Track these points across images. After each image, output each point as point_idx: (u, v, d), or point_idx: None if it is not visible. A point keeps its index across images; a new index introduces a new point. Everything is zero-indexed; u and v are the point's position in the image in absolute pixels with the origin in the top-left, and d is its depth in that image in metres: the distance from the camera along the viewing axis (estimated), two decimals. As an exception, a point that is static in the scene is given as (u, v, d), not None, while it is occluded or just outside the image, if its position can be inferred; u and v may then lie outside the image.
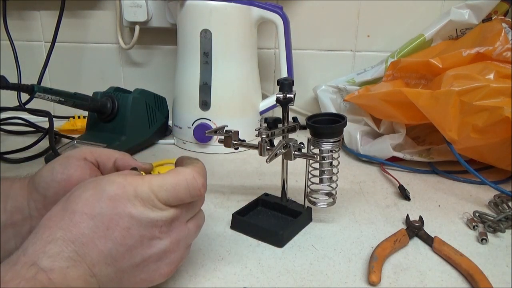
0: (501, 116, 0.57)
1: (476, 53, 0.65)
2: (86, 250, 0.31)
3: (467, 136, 0.61)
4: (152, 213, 0.34)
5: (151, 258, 0.35)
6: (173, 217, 0.35)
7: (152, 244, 0.34)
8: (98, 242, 0.32)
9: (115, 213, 0.33)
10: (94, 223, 0.32)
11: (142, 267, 0.34)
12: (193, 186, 0.36)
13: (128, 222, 0.33)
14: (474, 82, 0.60)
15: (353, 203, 0.58)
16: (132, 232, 0.33)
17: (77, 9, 0.92)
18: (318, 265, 0.44)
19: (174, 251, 0.36)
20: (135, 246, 0.33)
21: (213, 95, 0.75)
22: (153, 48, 0.94)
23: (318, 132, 0.48)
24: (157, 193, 0.34)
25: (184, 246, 0.38)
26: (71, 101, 0.68)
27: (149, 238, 0.34)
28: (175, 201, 0.35)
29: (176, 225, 0.36)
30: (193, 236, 0.39)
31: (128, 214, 0.33)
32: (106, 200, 0.33)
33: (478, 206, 0.58)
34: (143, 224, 0.33)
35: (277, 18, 0.75)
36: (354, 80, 0.85)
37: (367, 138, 0.76)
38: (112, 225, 0.32)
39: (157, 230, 0.34)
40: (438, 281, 0.42)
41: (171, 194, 0.35)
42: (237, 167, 0.71)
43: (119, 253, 0.33)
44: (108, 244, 0.32)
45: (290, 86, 0.49)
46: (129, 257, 0.33)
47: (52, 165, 0.41)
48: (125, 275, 0.33)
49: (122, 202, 0.33)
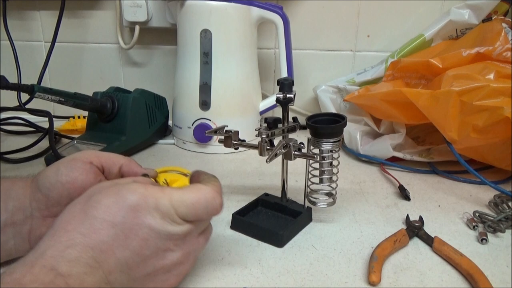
0: (501, 116, 0.57)
1: (476, 53, 0.65)
2: (104, 257, 0.32)
3: (467, 136, 0.61)
4: (170, 227, 0.35)
5: (162, 269, 0.35)
6: (188, 231, 0.36)
7: (166, 256, 0.35)
8: (117, 250, 0.32)
9: (135, 223, 0.33)
10: (114, 231, 0.32)
11: (152, 276, 0.35)
12: (212, 206, 0.37)
13: (147, 233, 0.33)
14: (474, 82, 0.60)
15: (353, 203, 0.58)
16: (149, 243, 0.34)
17: (77, 9, 0.92)
18: (318, 265, 0.44)
19: (184, 263, 0.37)
20: (150, 257, 0.34)
21: (213, 95, 0.75)
22: (153, 48, 0.94)
23: (318, 132, 0.48)
24: (177, 208, 0.35)
25: (193, 258, 0.38)
26: (71, 101, 0.68)
27: (164, 250, 0.35)
28: (192, 218, 0.36)
29: (189, 239, 0.37)
30: (202, 249, 0.39)
31: (148, 225, 0.33)
32: (127, 209, 0.33)
33: (478, 206, 0.58)
34: (161, 236, 0.34)
35: (277, 18, 0.75)
36: (354, 80, 0.85)
37: (367, 138, 0.76)
38: (131, 234, 0.33)
39: (172, 243, 0.35)
40: (438, 281, 0.42)
41: (190, 211, 0.35)
42: (237, 167, 0.71)
43: (135, 262, 0.33)
44: (126, 253, 0.33)
45: (290, 86, 0.49)
46: (143, 267, 0.34)
47: (57, 166, 0.41)
48: (136, 283, 0.34)
49: (142, 213, 0.34)
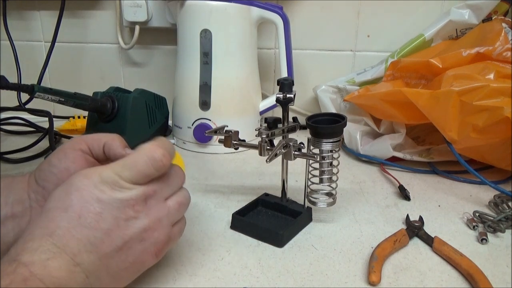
0: (501, 116, 0.57)
1: (476, 53, 0.65)
2: (64, 241, 0.32)
3: (467, 136, 0.61)
4: (120, 194, 0.35)
5: (133, 240, 0.35)
6: (145, 194, 0.36)
7: (130, 225, 0.35)
8: (74, 231, 0.32)
9: (84, 201, 0.34)
10: (67, 215, 0.33)
11: (126, 250, 0.35)
12: (154, 158, 0.36)
13: (98, 207, 0.34)
14: (474, 82, 0.60)
15: (353, 203, 0.58)
16: (104, 216, 0.34)
17: (77, 9, 0.92)
18: (318, 265, 0.44)
19: (156, 229, 0.36)
20: (111, 229, 0.34)
21: (213, 95, 0.75)
22: (153, 48, 0.94)
23: (318, 132, 0.48)
24: (121, 173, 0.35)
25: (167, 224, 0.38)
26: (71, 101, 0.68)
27: (125, 219, 0.35)
28: (140, 177, 0.36)
29: (153, 203, 0.36)
30: (175, 214, 0.39)
31: (96, 199, 0.34)
32: (74, 192, 0.34)
33: (478, 206, 0.58)
34: (114, 206, 0.34)
35: (277, 18, 0.75)
36: (354, 80, 0.85)
37: (367, 138, 0.76)
38: (84, 212, 0.33)
39: (131, 210, 0.35)
40: (438, 281, 0.42)
41: (133, 171, 0.35)
42: (237, 167, 0.71)
43: (97, 238, 0.33)
44: (84, 232, 0.33)
45: (290, 86, 0.49)
46: (109, 241, 0.34)
47: (49, 158, 0.42)
48: (111, 260, 0.34)
49: (88, 189, 0.34)
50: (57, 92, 0.66)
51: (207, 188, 0.62)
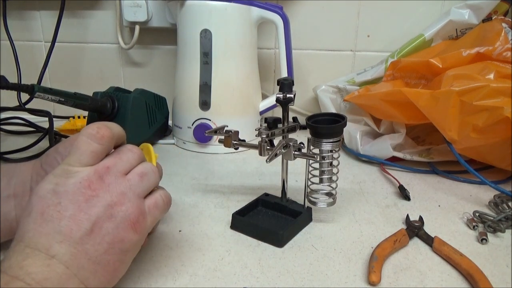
0: (501, 116, 0.57)
1: (476, 53, 0.65)
2: (34, 239, 0.33)
3: (467, 136, 0.61)
4: (72, 178, 0.35)
5: (101, 218, 0.34)
6: (98, 172, 0.36)
7: (92, 204, 0.34)
8: (41, 228, 0.33)
9: (42, 199, 0.34)
10: (31, 217, 0.34)
11: (98, 230, 0.34)
12: (90, 133, 0.37)
13: (56, 198, 0.34)
14: (474, 82, 0.60)
15: (353, 203, 0.58)
16: (64, 203, 0.34)
17: (77, 9, 0.92)
18: (318, 265, 0.44)
19: (122, 203, 0.36)
20: (74, 214, 0.34)
21: (213, 95, 0.75)
22: (153, 48, 0.94)
23: (318, 132, 0.48)
24: (69, 161, 0.36)
25: (133, 197, 0.36)
26: (71, 101, 0.68)
27: (84, 200, 0.34)
28: (87, 157, 0.36)
29: (110, 179, 0.36)
30: (139, 185, 0.37)
31: (53, 192, 0.34)
32: (33, 196, 0.35)
33: (478, 206, 0.58)
34: (70, 191, 0.34)
35: (277, 18, 0.75)
36: (354, 80, 0.85)
37: (367, 138, 0.76)
38: (44, 208, 0.34)
39: (88, 190, 0.35)
40: (438, 281, 0.42)
41: (78, 153, 0.36)
42: (237, 167, 0.71)
43: (63, 226, 0.33)
44: (50, 225, 0.33)
45: (290, 86, 0.49)
46: (76, 226, 0.33)
47: (57, 146, 0.44)
48: (87, 245, 0.34)
49: (44, 188, 0.35)
50: (57, 92, 0.66)
51: (207, 188, 0.62)
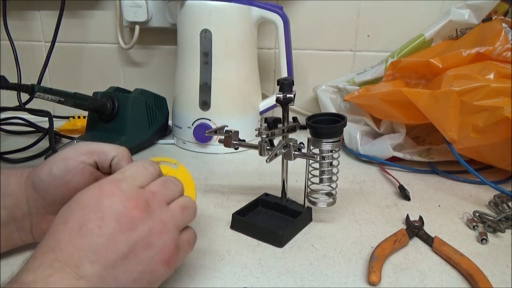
0: (501, 116, 0.57)
1: (476, 53, 0.65)
2: (66, 253, 0.30)
3: (467, 136, 0.61)
4: (120, 194, 0.34)
5: (139, 245, 0.32)
6: (145, 194, 0.35)
7: (134, 227, 0.33)
8: (75, 242, 0.31)
9: (84, 208, 0.33)
10: (67, 226, 0.32)
11: (133, 257, 0.32)
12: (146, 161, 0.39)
13: (99, 211, 0.32)
14: (474, 82, 0.60)
15: (353, 203, 0.58)
16: (107, 219, 0.32)
17: (77, 9, 0.92)
18: (318, 265, 0.44)
19: (162, 233, 0.34)
20: (114, 234, 0.32)
21: (213, 95, 0.75)
22: (153, 48, 0.94)
23: (318, 132, 0.48)
24: (120, 177, 0.36)
25: (173, 228, 0.35)
26: (71, 101, 0.68)
27: (128, 220, 0.33)
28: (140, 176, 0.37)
29: (155, 205, 0.35)
30: (180, 218, 0.37)
31: (95, 203, 0.33)
32: (77, 202, 0.33)
33: (478, 206, 0.58)
34: (114, 208, 0.33)
35: (277, 18, 0.75)
36: (354, 80, 0.85)
37: (367, 138, 0.76)
38: (85, 220, 0.32)
39: (134, 211, 0.33)
40: (438, 281, 0.42)
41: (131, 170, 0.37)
42: (237, 167, 0.71)
43: (100, 245, 0.31)
44: (86, 240, 0.31)
45: (290, 86, 0.49)
46: (113, 246, 0.31)
47: (49, 166, 0.40)
48: (118, 270, 0.31)
49: (88, 198, 0.34)
50: (57, 92, 0.66)
51: (207, 188, 0.62)
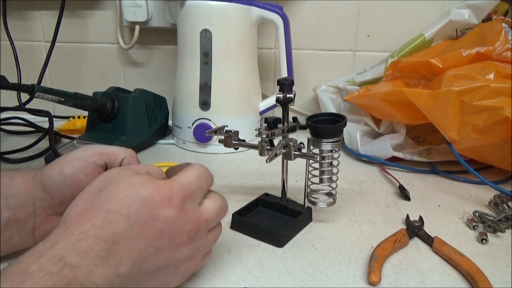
0: (501, 116, 0.57)
1: (476, 53, 0.65)
2: (117, 248, 0.32)
3: (467, 136, 0.61)
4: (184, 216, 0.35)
5: (173, 263, 0.35)
6: (201, 222, 0.37)
7: (178, 249, 0.35)
8: (130, 242, 0.32)
9: (150, 215, 0.33)
10: (128, 223, 0.32)
11: (163, 271, 0.35)
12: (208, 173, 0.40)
13: (162, 224, 0.34)
14: (474, 82, 0.60)
15: (353, 203, 0.58)
16: (164, 234, 0.34)
17: (77, 9, 0.92)
18: (318, 265, 0.44)
19: (193, 259, 0.37)
20: (162, 249, 0.34)
21: (213, 95, 0.75)
22: (153, 48, 0.94)
23: (318, 132, 0.48)
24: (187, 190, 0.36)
25: (201, 255, 0.38)
26: (71, 101, 0.68)
27: (177, 243, 0.35)
28: (198, 195, 0.38)
29: (201, 233, 0.37)
30: (209, 246, 0.40)
31: (163, 216, 0.34)
32: (142, 202, 0.33)
33: (478, 206, 0.58)
34: (175, 227, 0.34)
35: (277, 18, 0.75)
36: (354, 80, 0.85)
37: (367, 138, 0.76)
38: (146, 226, 0.33)
39: (186, 236, 0.35)
40: (438, 281, 0.42)
41: (197, 186, 0.37)
42: (237, 167, 0.71)
43: (147, 254, 0.33)
44: (139, 245, 0.33)
45: (290, 86, 0.49)
46: (156, 259, 0.34)
47: (60, 166, 0.40)
48: (146, 277, 0.34)
49: (158, 204, 0.34)
50: (57, 92, 0.66)
51: (207, 188, 0.62)
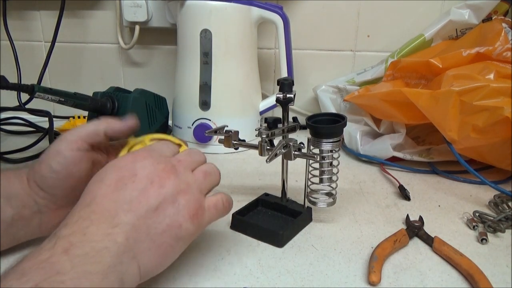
0: (501, 116, 0.57)
1: (476, 53, 0.65)
2: (102, 206, 0.33)
3: (467, 136, 0.61)
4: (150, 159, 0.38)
5: (166, 200, 0.36)
6: (172, 161, 0.39)
7: (163, 184, 0.36)
8: (111, 195, 0.34)
9: (119, 168, 0.36)
10: (103, 183, 0.35)
11: (161, 210, 0.35)
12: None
13: (133, 170, 0.36)
14: (474, 82, 0.60)
15: (353, 203, 0.58)
16: (139, 177, 0.36)
17: (77, 9, 0.92)
18: (318, 265, 0.44)
19: (186, 193, 0.37)
20: (146, 189, 0.35)
21: (213, 95, 0.75)
22: (153, 48, 0.94)
23: (318, 132, 0.48)
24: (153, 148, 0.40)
25: (196, 190, 0.39)
26: (71, 101, 0.68)
27: (158, 179, 0.36)
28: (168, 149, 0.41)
29: (180, 169, 0.39)
30: (202, 182, 0.40)
31: (129, 163, 0.37)
32: (112, 166, 0.37)
33: (478, 206, 0.58)
34: (146, 168, 0.37)
35: (277, 18, 0.75)
36: (354, 80, 0.85)
37: (367, 138, 0.76)
38: (120, 178, 0.35)
39: (162, 172, 0.37)
40: (438, 281, 0.42)
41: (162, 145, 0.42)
42: (237, 167, 0.71)
43: (133, 197, 0.35)
44: (121, 193, 0.34)
45: (290, 86, 0.49)
46: (145, 200, 0.35)
47: (48, 163, 0.41)
48: (149, 221, 0.34)
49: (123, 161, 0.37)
50: (57, 92, 0.65)
51: (207, 188, 0.62)
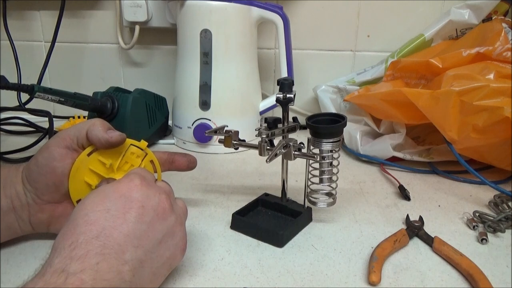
0: (501, 116, 0.57)
1: (476, 53, 0.65)
2: (112, 239, 0.32)
3: (467, 136, 0.61)
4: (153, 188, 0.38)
5: (168, 233, 0.37)
6: (167, 192, 0.39)
7: (165, 217, 0.37)
8: (120, 228, 0.33)
9: (124, 199, 0.35)
10: (110, 214, 0.34)
11: (164, 243, 0.36)
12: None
13: (139, 201, 0.35)
14: (474, 82, 0.60)
15: (353, 203, 0.58)
16: (146, 209, 0.35)
17: (77, 9, 0.92)
18: (318, 265, 0.44)
19: (180, 225, 0.39)
20: (152, 222, 0.35)
21: (213, 95, 0.75)
22: (153, 48, 0.94)
23: (318, 132, 0.48)
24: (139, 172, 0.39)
25: (184, 222, 0.40)
26: (71, 101, 0.68)
27: (162, 211, 0.37)
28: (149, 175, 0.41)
29: (173, 200, 0.39)
30: (185, 214, 0.41)
31: (136, 195, 0.36)
32: (112, 192, 0.35)
33: (478, 206, 0.58)
34: (152, 199, 0.36)
35: (277, 18, 0.75)
36: (354, 80, 0.85)
37: (367, 138, 0.76)
38: (127, 208, 0.35)
39: (165, 203, 0.37)
40: (438, 281, 0.42)
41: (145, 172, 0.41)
42: (237, 167, 0.71)
43: (142, 231, 0.34)
44: (130, 226, 0.34)
45: (290, 86, 0.49)
46: (152, 233, 0.35)
47: (36, 157, 0.43)
48: (153, 255, 0.35)
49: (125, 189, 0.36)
50: (57, 92, 0.65)
51: (207, 188, 0.62)
